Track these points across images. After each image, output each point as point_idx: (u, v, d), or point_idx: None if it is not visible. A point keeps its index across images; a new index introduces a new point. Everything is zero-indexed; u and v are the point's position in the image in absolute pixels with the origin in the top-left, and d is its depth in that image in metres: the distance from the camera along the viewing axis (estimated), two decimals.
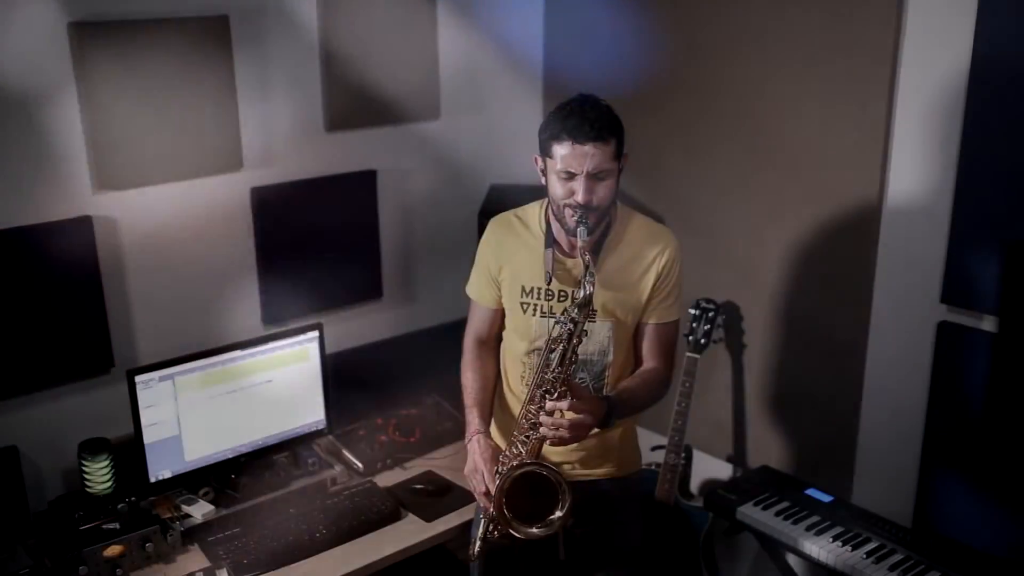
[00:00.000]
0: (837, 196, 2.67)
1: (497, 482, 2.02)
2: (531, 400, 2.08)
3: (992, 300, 2.39)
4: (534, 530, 2.01)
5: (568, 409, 1.97)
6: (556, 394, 2.00)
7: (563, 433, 1.98)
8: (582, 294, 2.01)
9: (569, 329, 2.02)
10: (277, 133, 2.88)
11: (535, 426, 2.05)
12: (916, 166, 2.52)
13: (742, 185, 2.90)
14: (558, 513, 2.00)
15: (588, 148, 2.00)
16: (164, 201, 2.68)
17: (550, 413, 1.99)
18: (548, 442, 2.04)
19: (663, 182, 3.12)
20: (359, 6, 2.93)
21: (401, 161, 3.19)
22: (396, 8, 3.02)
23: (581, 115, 2.02)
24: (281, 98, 2.86)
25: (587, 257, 2.03)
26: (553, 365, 2.02)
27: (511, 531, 2.02)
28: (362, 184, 3.07)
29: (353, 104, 3.00)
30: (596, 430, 2.07)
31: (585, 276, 2.02)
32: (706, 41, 2.91)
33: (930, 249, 2.51)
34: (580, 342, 2.05)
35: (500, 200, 3.11)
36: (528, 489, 2.01)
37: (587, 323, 2.13)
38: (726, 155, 2.92)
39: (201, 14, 2.63)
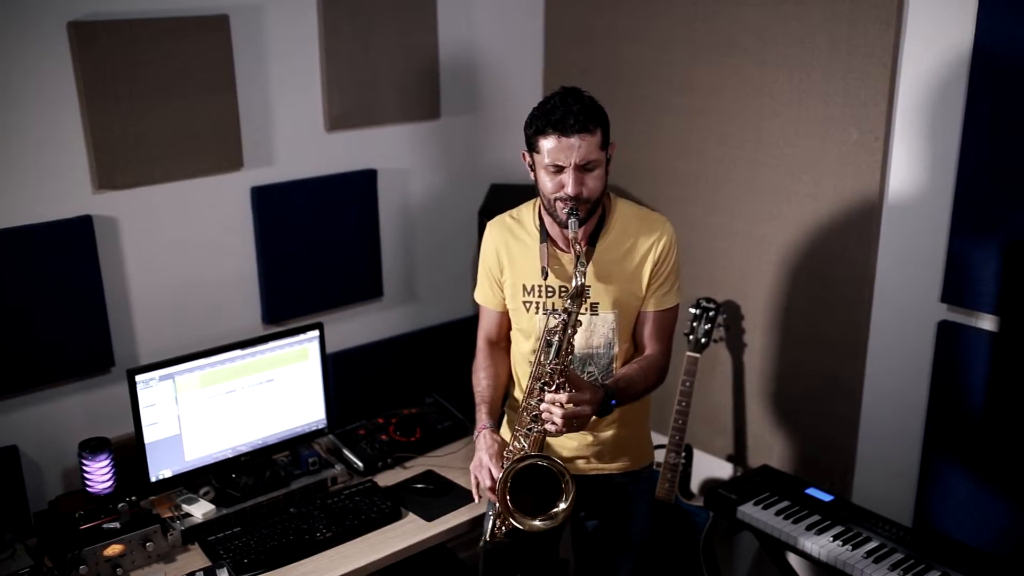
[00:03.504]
0: (837, 195, 2.67)
1: (500, 476, 2.02)
2: (530, 393, 2.09)
3: (992, 299, 2.39)
4: (538, 523, 2.00)
5: (567, 401, 1.96)
6: (555, 386, 2.00)
7: (562, 424, 1.96)
8: (574, 284, 2.02)
9: (563, 320, 2.02)
10: (277, 133, 2.88)
11: (536, 419, 2.05)
12: (916, 165, 2.52)
13: (742, 184, 2.90)
14: (562, 505, 1.99)
15: (574, 140, 2.00)
16: (164, 201, 2.68)
17: (550, 405, 1.98)
18: (549, 434, 2.04)
19: (662, 181, 3.12)
20: (359, 5, 2.93)
21: (401, 160, 3.19)
22: (396, 7, 3.02)
23: (565, 108, 2.01)
24: (281, 97, 2.86)
25: (579, 247, 2.03)
26: (550, 357, 2.02)
27: (516, 525, 2.01)
28: (362, 183, 3.07)
29: (353, 104, 3.00)
30: (595, 417, 2.08)
31: (576, 266, 2.02)
32: (706, 40, 2.91)
33: (930, 248, 2.51)
34: (575, 332, 2.05)
35: (500, 200, 3.12)
36: (533, 483, 2.00)
37: (591, 316, 2.13)
38: (726, 154, 2.92)
39: (201, 13, 2.63)
